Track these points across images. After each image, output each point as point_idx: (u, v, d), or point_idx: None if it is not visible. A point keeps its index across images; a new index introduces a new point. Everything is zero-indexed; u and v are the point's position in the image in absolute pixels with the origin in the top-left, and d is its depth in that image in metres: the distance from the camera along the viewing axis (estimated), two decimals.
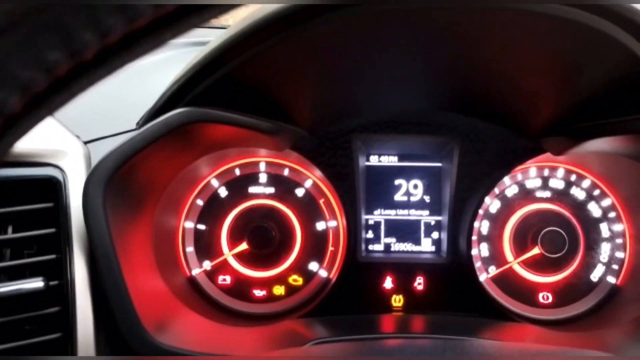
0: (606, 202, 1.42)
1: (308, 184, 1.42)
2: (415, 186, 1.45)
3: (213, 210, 1.41)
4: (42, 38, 0.31)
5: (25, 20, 0.30)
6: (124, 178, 1.03)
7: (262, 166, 1.43)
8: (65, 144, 1.09)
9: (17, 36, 0.31)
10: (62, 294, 1.02)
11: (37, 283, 0.99)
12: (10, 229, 1.04)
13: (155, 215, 1.23)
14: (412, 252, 1.44)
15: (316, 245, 1.42)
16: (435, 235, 1.44)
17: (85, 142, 1.13)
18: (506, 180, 1.42)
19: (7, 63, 0.31)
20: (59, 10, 0.31)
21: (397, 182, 1.44)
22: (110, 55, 0.35)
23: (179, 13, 0.35)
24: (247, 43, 0.93)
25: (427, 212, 1.44)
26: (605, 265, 1.41)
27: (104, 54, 0.34)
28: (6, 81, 0.32)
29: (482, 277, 1.40)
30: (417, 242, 1.44)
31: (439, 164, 1.44)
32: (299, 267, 1.42)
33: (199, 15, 0.36)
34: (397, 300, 1.39)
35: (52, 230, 1.04)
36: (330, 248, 1.42)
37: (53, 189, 1.05)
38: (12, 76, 0.32)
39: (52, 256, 1.03)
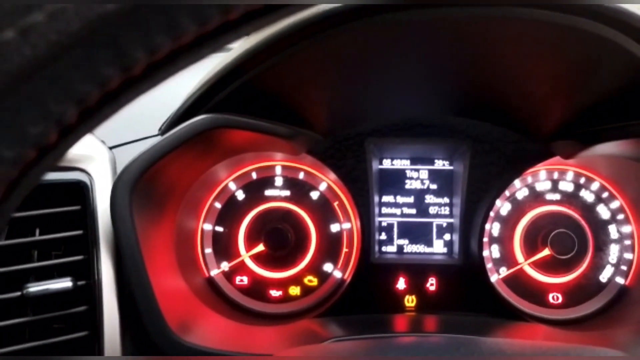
0: (615, 204, 1.43)
1: (323, 186, 1.45)
2: (427, 189, 1.47)
3: (230, 212, 1.43)
4: (99, 55, 0.34)
5: (86, 38, 0.34)
6: (149, 182, 1.07)
7: (278, 170, 1.45)
8: (92, 149, 1.13)
9: (78, 53, 0.34)
10: (90, 293, 1.06)
11: (65, 283, 1.03)
12: (37, 231, 1.07)
13: (177, 218, 1.27)
14: (425, 253, 1.46)
15: (331, 247, 1.44)
16: (447, 237, 1.46)
17: (111, 147, 1.16)
18: (516, 183, 1.44)
19: (68, 78, 0.34)
20: (115, 29, 0.34)
21: (409, 184, 1.47)
22: (156, 69, 0.38)
23: (218, 31, 0.39)
24: (267, 52, 0.96)
25: (439, 214, 1.47)
26: (614, 266, 1.42)
27: (151, 69, 0.38)
28: (67, 95, 0.35)
29: (494, 278, 1.41)
30: (430, 243, 1.46)
31: (451, 167, 1.47)
32: (314, 268, 1.44)
33: (235, 33, 0.40)
34: (410, 301, 1.41)
35: (79, 232, 1.07)
36: (345, 249, 1.45)
37: (80, 192, 1.08)
38: (72, 90, 0.35)
39: (80, 257, 1.06)
